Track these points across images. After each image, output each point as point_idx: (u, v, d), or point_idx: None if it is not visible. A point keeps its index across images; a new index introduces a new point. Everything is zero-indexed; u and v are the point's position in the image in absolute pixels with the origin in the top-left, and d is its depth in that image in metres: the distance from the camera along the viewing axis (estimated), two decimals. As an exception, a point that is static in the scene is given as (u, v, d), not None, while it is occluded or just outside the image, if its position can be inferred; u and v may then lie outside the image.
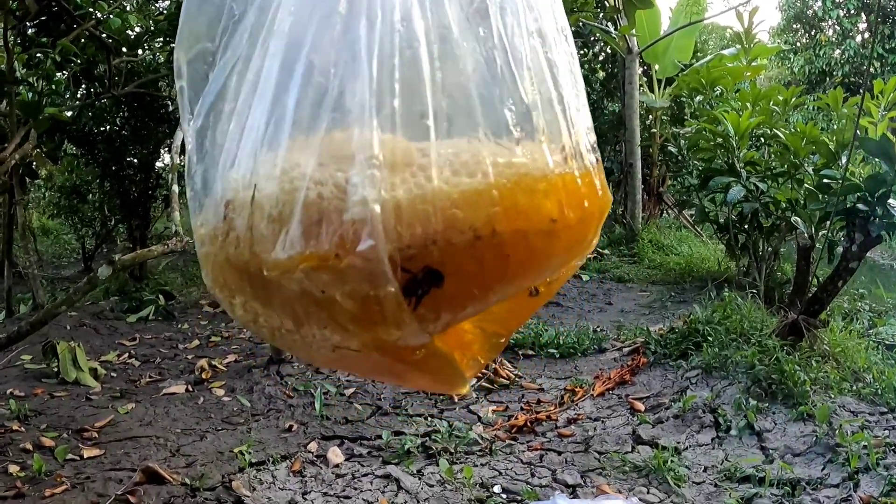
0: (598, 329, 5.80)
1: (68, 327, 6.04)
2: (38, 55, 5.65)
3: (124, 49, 6.45)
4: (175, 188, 4.07)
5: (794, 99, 7.07)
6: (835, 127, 5.95)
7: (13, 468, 3.40)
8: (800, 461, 3.28)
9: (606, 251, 9.60)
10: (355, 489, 3.20)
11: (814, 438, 3.40)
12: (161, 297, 6.95)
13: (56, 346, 4.83)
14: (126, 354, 5.44)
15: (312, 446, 3.69)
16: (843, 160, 4.80)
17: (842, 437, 3.29)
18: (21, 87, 5.52)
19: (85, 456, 3.59)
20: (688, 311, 5.34)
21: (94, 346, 5.59)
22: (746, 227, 6.45)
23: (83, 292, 3.39)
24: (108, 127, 8.36)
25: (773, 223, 6.30)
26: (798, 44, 19.39)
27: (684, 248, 9.02)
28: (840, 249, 5.26)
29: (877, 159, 4.94)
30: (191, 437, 3.86)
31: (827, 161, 5.48)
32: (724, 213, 6.80)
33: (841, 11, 18.53)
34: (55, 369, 4.79)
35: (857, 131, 4.47)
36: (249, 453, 3.54)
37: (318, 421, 4.01)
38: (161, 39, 6.97)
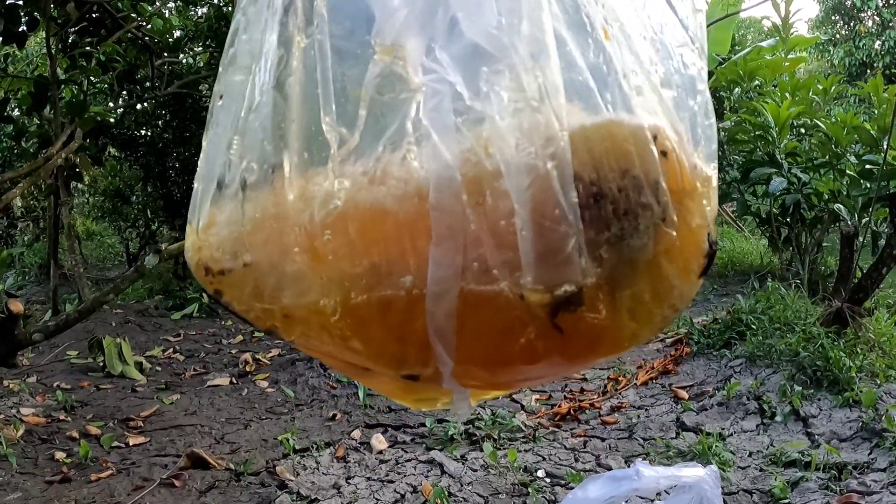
0: (641, 321, 5.76)
1: (114, 324, 6.15)
2: (82, 61, 5.75)
3: (165, 54, 6.56)
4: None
5: (833, 88, 6.98)
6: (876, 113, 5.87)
7: (59, 455, 3.47)
8: (846, 446, 3.24)
9: (646, 247, 9.52)
10: (399, 474, 3.22)
11: (860, 424, 3.36)
12: (204, 295, 7.03)
13: (102, 342, 4.91)
14: (171, 350, 5.52)
15: (356, 434, 3.71)
16: (885, 144, 4.73)
17: (889, 422, 3.24)
18: (65, 88, 5.62)
19: (130, 443, 3.65)
20: (731, 302, 5.29)
21: (139, 342, 5.68)
22: (789, 219, 6.37)
23: (131, 280, 3.45)
24: (150, 130, 8.48)
25: (815, 215, 6.23)
26: (837, 35, 19.12)
27: (726, 244, 8.95)
28: (883, 240, 5.20)
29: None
30: (235, 425, 3.90)
31: (869, 147, 5.41)
32: (765, 205, 6.73)
33: (880, 1, 18.24)
34: (101, 363, 4.87)
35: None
36: (293, 440, 3.57)
37: (361, 410, 4.04)
38: (202, 43, 7.08)
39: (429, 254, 0.64)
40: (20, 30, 5.24)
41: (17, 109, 6.64)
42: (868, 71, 17.71)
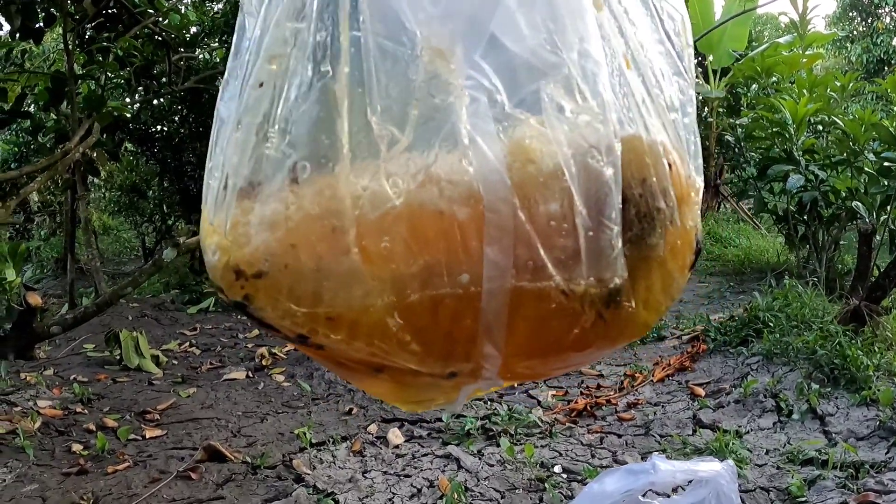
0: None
1: (130, 318, 6.17)
2: (99, 56, 5.78)
3: (182, 49, 6.58)
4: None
5: (851, 85, 6.94)
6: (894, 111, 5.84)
7: (76, 447, 3.48)
8: (863, 445, 3.22)
9: (662, 243, 9.50)
10: (415, 468, 3.22)
11: (877, 423, 3.34)
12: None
13: (118, 335, 4.94)
14: (187, 343, 5.54)
15: (372, 428, 3.72)
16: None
17: (907, 420, 3.23)
18: (83, 84, 5.65)
19: (147, 436, 3.67)
20: (748, 300, 5.27)
21: (155, 335, 5.70)
22: (806, 217, 6.34)
23: (148, 274, 3.47)
24: (166, 125, 8.52)
25: (832, 213, 6.19)
26: (855, 32, 19.01)
27: (742, 241, 8.91)
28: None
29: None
30: (251, 419, 3.92)
31: (887, 145, 5.37)
32: (782, 203, 6.70)
33: (898, -2, 18.13)
34: (118, 357, 4.89)
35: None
36: (310, 434, 3.58)
37: (377, 404, 4.04)
38: (218, 38, 7.10)
39: (482, 253, 0.67)
40: (37, 26, 5.27)
41: (34, 105, 6.67)
42: (886, 68, 17.61)
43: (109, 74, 5.96)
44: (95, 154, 6.63)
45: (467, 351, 0.72)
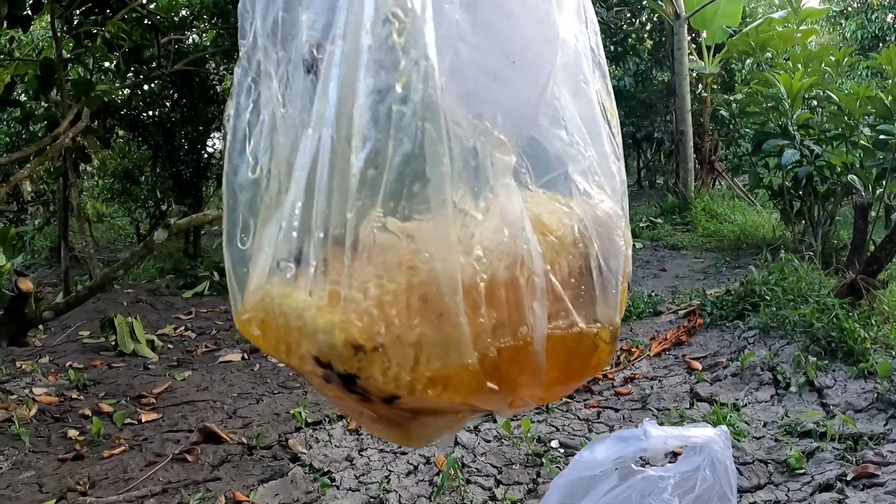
0: (653, 294, 5.75)
1: (125, 304, 6.15)
2: (87, 41, 5.73)
3: (171, 32, 6.53)
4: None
5: (846, 60, 6.90)
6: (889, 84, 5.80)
7: (72, 432, 3.46)
8: (861, 417, 3.21)
9: (659, 220, 9.52)
10: (411, 445, 3.21)
11: (875, 395, 3.33)
12: (216, 273, 7.04)
13: (113, 321, 4.92)
14: (182, 327, 5.52)
15: (368, 407, 3.70)
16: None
17: (905, 393, 3.22)
18: (72, 69, 5.61)
19: (143, 420, 3.65)
20: (744, 274, 5.26)
21: (150, 320, 5.68)
22: (801, 192, 6.31)
23: (140, 256, 3.44)
24: (158, 110, 8.47)
25: (828, 188, 6.17)
26: (849, 8, 18.92)
27: (738, 217, 8.88)
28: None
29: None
30: (247, 400, 3.90)
31: (883, 119, 5.34)
32: (778, 178, 6.67)
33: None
34: (113, 342, 4.87)
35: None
36: (305, 414, 3.57)
37: (372, 384, 4.02)
38: (208, 21, 7.04)
39: (531, 308, 0.80)
40: (24, 13, 5.22)
41: (23, 94, 6.63)
42: (881, 44, 17.51)
43: (98, 59, 5.90)
44: (87, 141, 6.59)
45: (524, 388, 0.83)
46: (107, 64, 6.78)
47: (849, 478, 2.69)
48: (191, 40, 7.49)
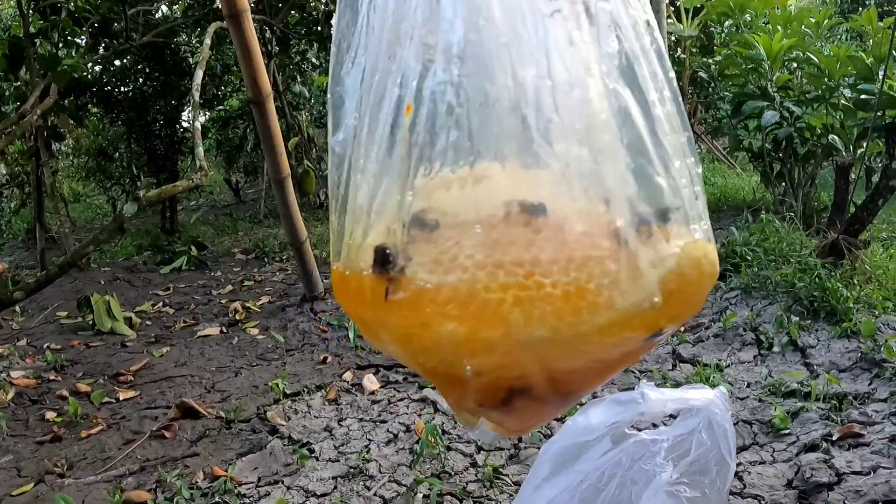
0: (633, 258, 5.71)
1: (102, 282, 6.08)
2: (53, 16, 5.61)
3: (140, 5, 6.41)
4: (197, 124, 4.04)
5: (826, 21, 6.85)
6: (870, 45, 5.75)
7: (50, 414, 3.42)
8: (845, 376, 3.19)
9: (637, 185, 9.46)
10: (391, 413, 3.17)
11: (859, 354, 3.31)
12: (193, 248, 6.97)
13: (90, 299, 4.85)
14: (160, 303, 5.46)
15: (347, 376, 3.66)
16: (881, 74, 4.63)
17: (888, 352, 3.19)
18: (41, 44, 5.49)
19: (120, 398, 3.60)
20: (724, 235, 5.23)
21: (128, 298, 5.61)
22: (781, 154, 6.27)
23: (111, 231, 3.36)
24: (130, 84, 8.34)
25: (808, 149, 6.13)
26: (829, -29, 18.87)
27: (718, 180, 8.85)
28: (877, 175, 5.13)
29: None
30: (225, 373, 3.85)
31: (864, 79, 5.29)
32: (757, 140, 6.62)
33: (873, -65, 17.97)
34: (90, 322, 4.81)
35: (894, 43, 4.29)
36: (283, 385, 3.53)
37: (352, 352, 3.99)
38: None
39: None
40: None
41: (-7, 75, 6.48)
42: (860, 8, 17.48)
43: (65, 34, 5.78)
44: (59, 119, 6.47)
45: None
46: (77, 40, 6.64)
47: (834, 437, 2.67)
48: (160, 12, 7.35)
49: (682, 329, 3.96)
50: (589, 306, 0.74)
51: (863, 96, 5.08)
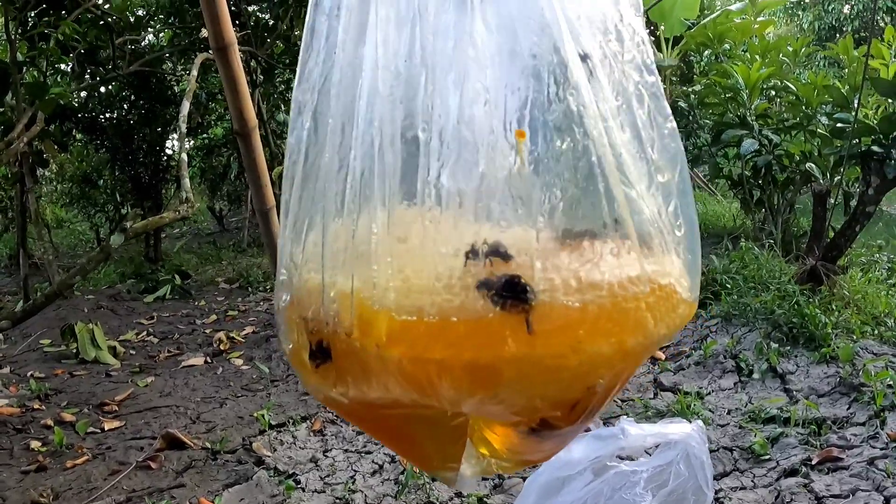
0: (615, 286, 5.76)
1: (86, 310, 6.07)
2: (42, 43, 5.64)
3: (127, 33, 6.44)
4: (184, 156, 4.06)
5: (803, 50, 6.97)
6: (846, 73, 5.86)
7: (35, 444, 3.40)
8: (824, 401, 3.24)
9: (619, 214, 9.52)
10: (376, 444, 3.19)
11: (837, 379, 3.36)
12: (177, 276, 6.97)
13: (74, 328, 4.84)
14: (144, 332, 5.45)
15: (332, 407, 3.67)
16: (856, 102, 4.72)
17: (867, 376, 3.24)
18: (28, 71, 5.52)
19: (105, 428, 3.59)
20: (705, 263, 5.30)
21: (112, 326, 5.61)
22: (760, 181, 6.35)
23: (97, 261, 3.38)
24: (115, 112, 8.37)
25: (787, 176, 6.22)
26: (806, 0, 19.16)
27: (699, 207, 8.94)
28: (855, 200, 5.21)
29: (890, 100, 4.87)
30: (210, 404, 3.86)
31: (840, 107, 5.39)
32: (737, 168, 6.71)
33: (848, -36, 18.29)
34: (74, 350, 4.80)
35: (868, 72, 4.38)
36: (269, 416, 3.54)
37: (337, 384, 3.99)
38: (163, 19, 6.96)
39: None
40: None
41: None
42: (837, 35, 17.75)
43: (52, 61, 5.81)
44: (44, 145, 6.48)
45: None
46: (64, 66, 6.67)
47: (813, 462, 2.71)
48: (147, 41, 7.39)
49: (664, 357, 4.00)
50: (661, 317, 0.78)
51: (839, 125, 5.17)
